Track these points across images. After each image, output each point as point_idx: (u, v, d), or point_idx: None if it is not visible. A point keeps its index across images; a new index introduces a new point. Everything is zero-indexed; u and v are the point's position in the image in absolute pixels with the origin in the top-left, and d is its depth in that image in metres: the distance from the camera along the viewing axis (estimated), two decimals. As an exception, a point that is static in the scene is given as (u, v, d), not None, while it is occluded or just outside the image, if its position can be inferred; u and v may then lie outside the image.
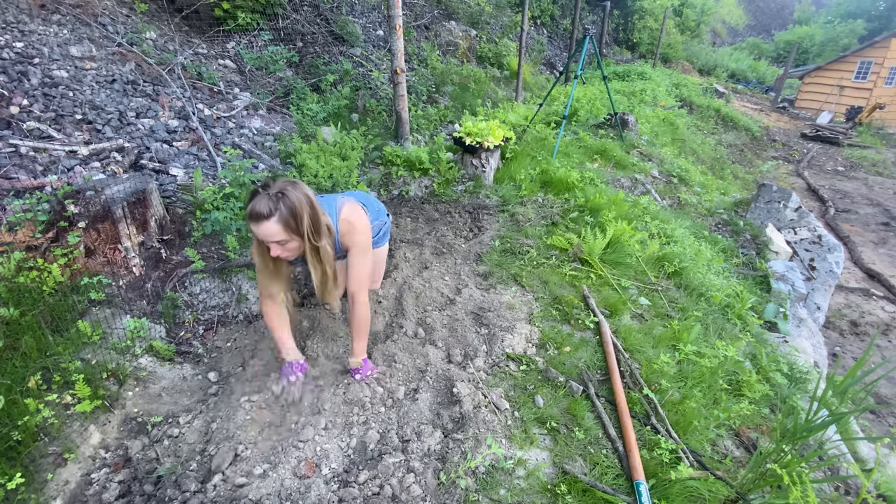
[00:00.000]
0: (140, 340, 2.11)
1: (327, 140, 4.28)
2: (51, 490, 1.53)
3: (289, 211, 1.50)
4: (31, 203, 2.29)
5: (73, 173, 2.77)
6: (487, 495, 1.56)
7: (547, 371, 2.11)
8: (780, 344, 2.91)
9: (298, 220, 1.52)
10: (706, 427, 1.92)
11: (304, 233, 1.55)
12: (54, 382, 1.78)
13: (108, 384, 1.88)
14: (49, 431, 1.65)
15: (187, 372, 2.13)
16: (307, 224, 1.55)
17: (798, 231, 4.98)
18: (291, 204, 1.50)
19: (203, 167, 3.40)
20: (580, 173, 4.38)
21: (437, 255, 3.07)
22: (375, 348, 2.14)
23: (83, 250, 2.23)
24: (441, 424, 1.81)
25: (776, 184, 5.23)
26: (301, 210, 1.52)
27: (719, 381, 2.15)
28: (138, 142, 3.32)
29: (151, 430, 1.78)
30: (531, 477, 1.64)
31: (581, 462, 1.73)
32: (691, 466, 1.70)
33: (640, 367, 2.22)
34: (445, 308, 2.47)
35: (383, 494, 1.52)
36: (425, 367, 2.06)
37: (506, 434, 1.79)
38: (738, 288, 3.19)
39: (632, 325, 2.52)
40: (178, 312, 2.42)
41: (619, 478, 1.68)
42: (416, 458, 1.65)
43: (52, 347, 1.88)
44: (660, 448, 1.75)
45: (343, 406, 1.84)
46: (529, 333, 2.34)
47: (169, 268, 2.51)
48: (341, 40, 6.17)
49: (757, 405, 2.13)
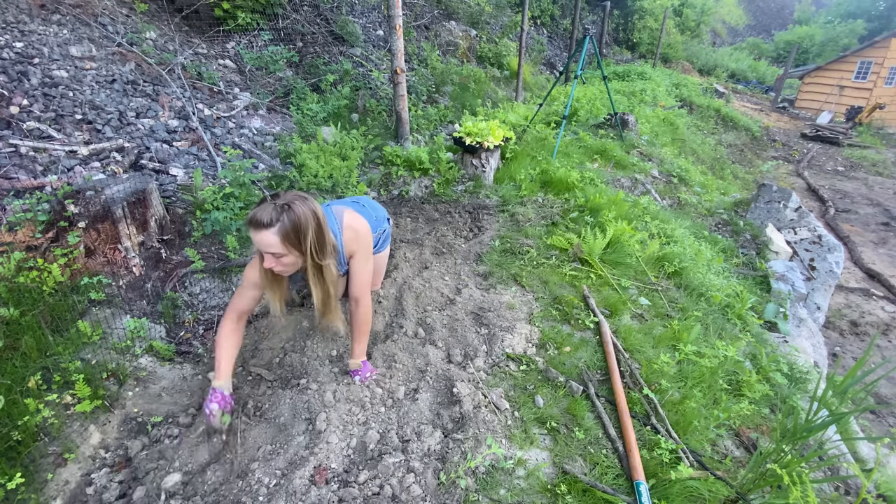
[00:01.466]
0: (140, 340, 2.11)
1: (327, 140, 4.28)
2: (51, 490, 1.53)
3: (291, 224, 1.45)
4: (31, 203, 2.29)
5: (73, 173, 2.77)
6: (487, 495, 1.56)
7: (547, 371, 2.11)
8: (780, 344, 2.91)
9: (301, 235, 1.48)
10: (706, 427, 1.92)
11: (307, 249, 1.51)
12: (54, 382, 1.78)
13: (109, 384, 1.88)
14: (49, 431, 1.65)
15: (187, 372, 2.13)
16: (311, 241, 1.50)
17: (798, 231, 4.98)
18: (295, 217, 1.46)
19: (203, 167, 3.40)
20: (580, 173, 4.38)
21: (437, 255, 3.07)
22: (375, 348, 2.14)
23: (83, 250, 2.23)
24: (441, 424, 1.81)
25: (776, 184, 5.23)
26: (305, 226, 1.48)
27: (719, 381, 2.15)
28: (138, 142, 3.32)
29: (151, 430, 1.78)
30: (531, 477, 1.64)
31: (581, 462, 1.73)
32: (691, 466, 1.70)
33: (640, 367, 2.22)
34: (445, 308, 2.47)
35: (383, 494, 1.52)
36: (425, 367, 2.06)
37: (506, 434, 1.79)
38: (738, 288, 3.19)
39: (632, 324, 2.52)
40: (178, 312, 2.42)
41: (619, 478, 1.68)
42: (416, 458, 1.65)
43: (51, 347, 1.89)
44: (660, 448, 1.75)
45: (343, 405, 1.84)
46: (529, 333, 2.34)
47: (169, 268, 2.51)
48: (341, 40, 6.17)
49: (757, 405, 2.13)
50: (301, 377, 1.98)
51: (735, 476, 1.71)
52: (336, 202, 1.96)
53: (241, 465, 1.62)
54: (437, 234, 3.38)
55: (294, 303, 2.37)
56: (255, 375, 2.03)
